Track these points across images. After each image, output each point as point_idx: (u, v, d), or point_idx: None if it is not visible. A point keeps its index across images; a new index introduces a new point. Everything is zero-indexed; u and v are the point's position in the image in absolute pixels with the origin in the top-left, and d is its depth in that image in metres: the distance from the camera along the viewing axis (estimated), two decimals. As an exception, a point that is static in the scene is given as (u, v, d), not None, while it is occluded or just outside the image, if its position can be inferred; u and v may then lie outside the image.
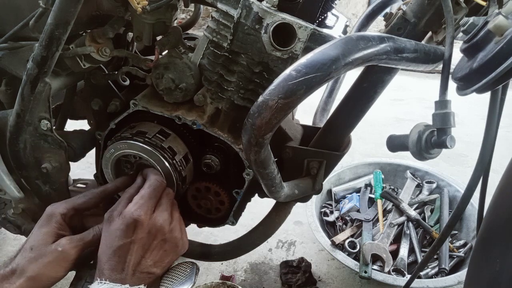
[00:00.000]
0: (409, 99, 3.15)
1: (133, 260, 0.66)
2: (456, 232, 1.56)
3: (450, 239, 1.51)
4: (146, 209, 0.68)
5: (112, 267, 0.64)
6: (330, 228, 1.62)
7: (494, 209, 0.64)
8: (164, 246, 0.70)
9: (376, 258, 1.36)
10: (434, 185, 1.72)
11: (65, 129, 1.05)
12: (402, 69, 0.72)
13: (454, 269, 1.38)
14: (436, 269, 1.37)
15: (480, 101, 1.26)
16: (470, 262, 0.69)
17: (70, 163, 0.91)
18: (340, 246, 1.43)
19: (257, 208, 1.10)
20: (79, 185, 1.12)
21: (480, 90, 0.56)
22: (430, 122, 0.64)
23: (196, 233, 1.56)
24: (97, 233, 0.70)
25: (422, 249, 1.47)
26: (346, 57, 0.56)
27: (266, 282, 1.45)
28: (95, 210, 0.80)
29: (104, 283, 0.61)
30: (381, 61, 0.61)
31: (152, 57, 0.83)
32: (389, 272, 1.33)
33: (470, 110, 2.66)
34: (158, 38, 0.85)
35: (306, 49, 0.69)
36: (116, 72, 0.89)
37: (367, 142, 2.37)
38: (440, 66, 0.65)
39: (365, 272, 1.27)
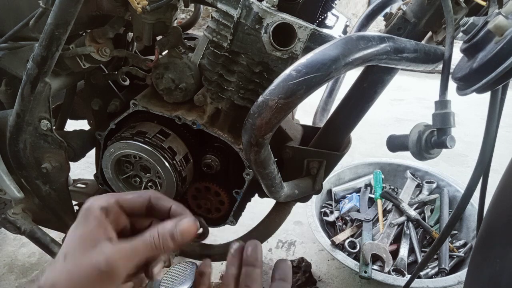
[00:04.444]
0: (409, 99, 3.15)
1: None
2: (456, 232, 1.56)
3: (450, 239, 1.51)
4: None
5: None
6: (330, 228, 1.62)
7: (494, 209, 0.64)
8: None
9: (376, 258, 1.36)
10: (434, 185, 1.72)
11: (65, 129, 1.05)
12: (402, 69, 0.72)
13: (454, 269, 1.38)
14: (436, 269, 1.37)
15: (480, 101, 1.26)
16: (470, 262, 0.69)
17: (70, 163, 0.91)
18: (340, 246, 1.43)
19: (257, 208, 1.10)
20: (79, 185, 1.12)
21: (480, 90, 0.56)
22: (430, 122, 0.64)
23: (196, 233, 1.55)
24: (155, 240, 0.49)
25: (422, 249, 1.46)
26: (346, 57, 0.56)
27: (266, 282, 1.45)
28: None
29: None
30: (381, 61, 0.61)
31: (152, 57, 0.83)
32: (389, 272, 1.33)
33: (470, 110, 2.66)
34: (158, 38, 0.85)
35: (306, 49, 0.69)
36: (116, 72, 0.89)
37: (367, 142, 2.37)
38: (440, 66, 0.65)
39: (365, 272, 1.27)
